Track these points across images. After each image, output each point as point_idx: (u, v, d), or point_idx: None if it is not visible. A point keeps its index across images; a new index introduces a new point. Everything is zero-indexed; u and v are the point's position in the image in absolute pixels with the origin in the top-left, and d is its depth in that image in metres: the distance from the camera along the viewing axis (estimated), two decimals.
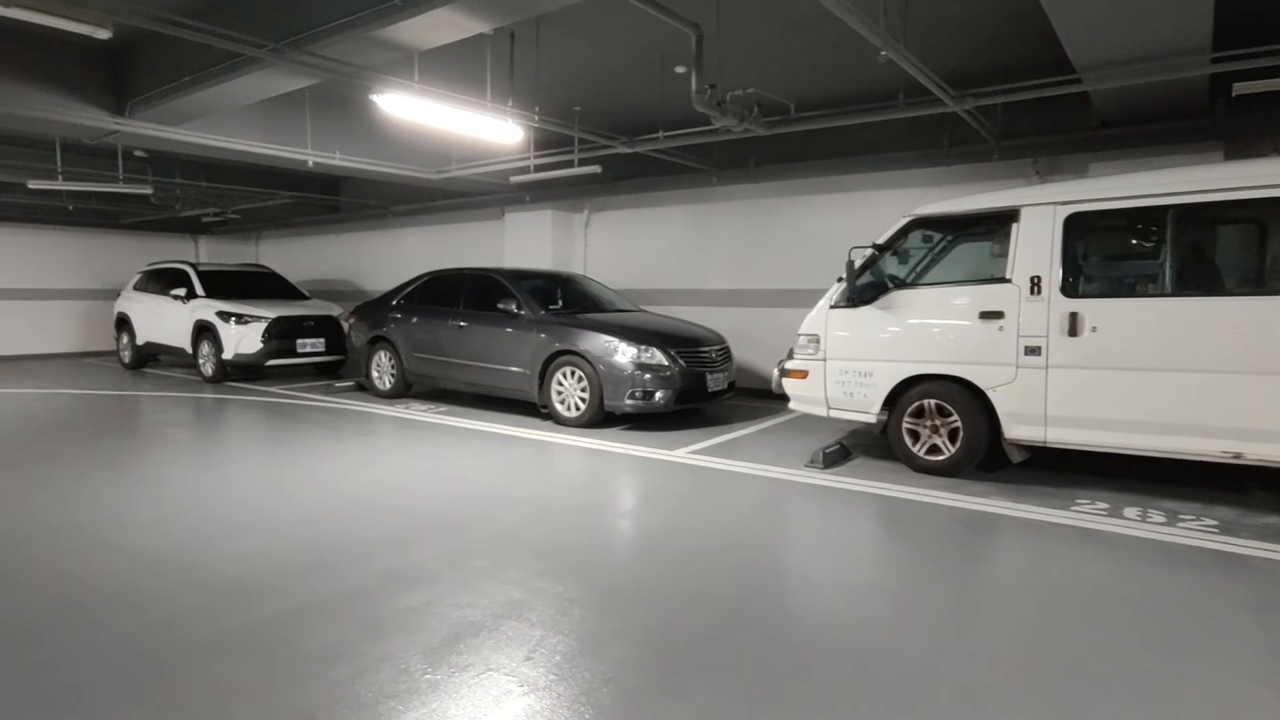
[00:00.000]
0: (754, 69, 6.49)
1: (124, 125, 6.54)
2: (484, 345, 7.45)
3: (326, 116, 7.91)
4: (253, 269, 11.31)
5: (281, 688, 2.33)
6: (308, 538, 3.74)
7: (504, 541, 3.70)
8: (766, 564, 3.52)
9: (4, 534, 3.75)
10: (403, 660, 2.50)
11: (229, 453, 5.72)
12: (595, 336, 6.72)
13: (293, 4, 4.80)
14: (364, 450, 5.77)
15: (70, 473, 4.97)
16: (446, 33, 4.45)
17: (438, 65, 6.19)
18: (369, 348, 8.57)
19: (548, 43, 5.91)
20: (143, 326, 10.92)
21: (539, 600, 3.00)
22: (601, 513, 4.31)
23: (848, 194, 8.17)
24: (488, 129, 5.92)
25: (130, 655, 2.53)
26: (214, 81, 5.45)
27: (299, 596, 3.02)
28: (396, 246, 12.80)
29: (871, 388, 5.20)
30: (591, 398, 6.62)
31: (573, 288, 8.15)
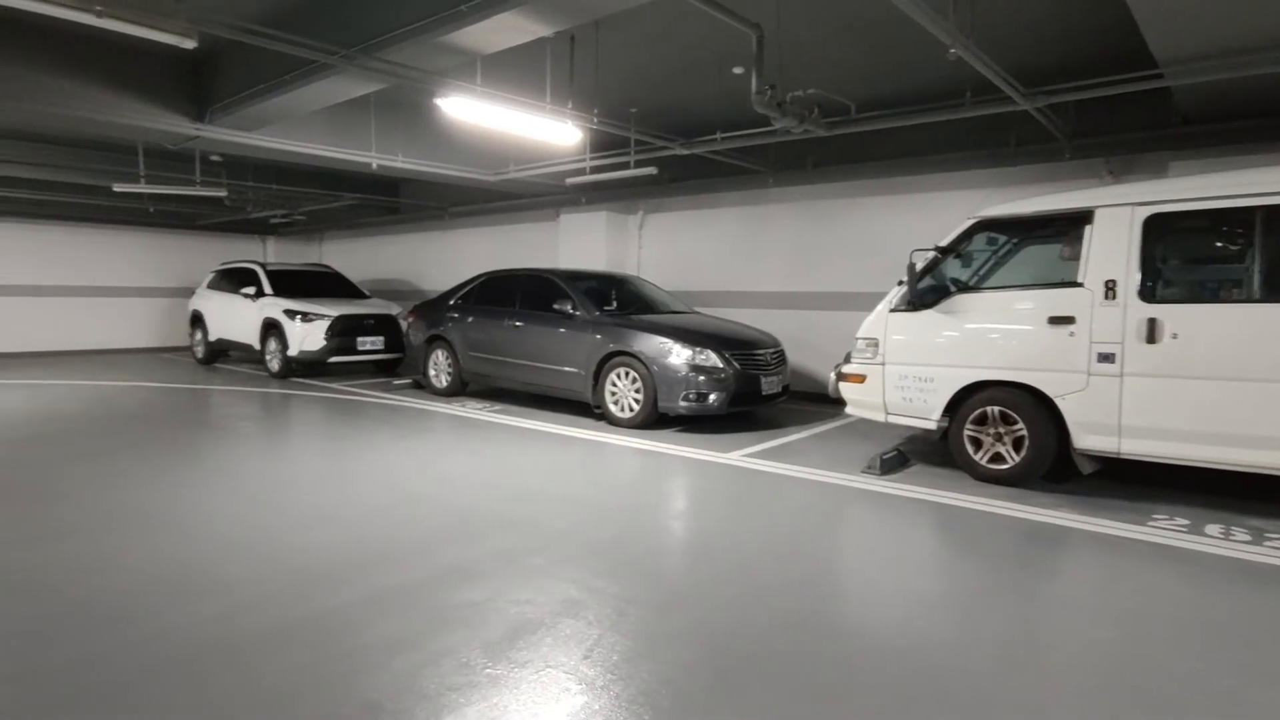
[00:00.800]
0: (814, 69, 6.40)
1: (203, 131, 6.84)
2: (539, 345, 7.54)
3: (390, 120, 8.12)
4: (317, 269, 11.68)
5: (348, 676, 2.39)
6: (371, 531, 3.84)
7: (560, 540, 3.74)
8: (823, 570, 3.47)
9: (94, 519, 3.96)
10: (464, 654, 2.54)
11: (295, 446, 5.92)
12: (649, 338, 6.73)
13: (364, 12, 4.94)
14: (422, 447, 5.90)
15: (150, 462, 5.21)
16: (509, 36, 4.52)
17: (499, 69, 6.29)
18: (426, 346, 8.76)
19: (607, 45, 5.95)
20: (215, 323, 11.39)
21: (596, 599, 3.02)
22: (656, 514, 4.31)
23: (907, 195, 8.00)
24: (547, 131, 5.99)
25: (207, 638, 2.64)
26: (288, 88, 5.65)
27: (364, 587, 3.10)
28: (454, 247, 13.06)
29: (932, 393, 5.07)
30: (645, 399, 6.63)
31: (627, 289, 8.17)
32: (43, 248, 13.23)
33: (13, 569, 3.26)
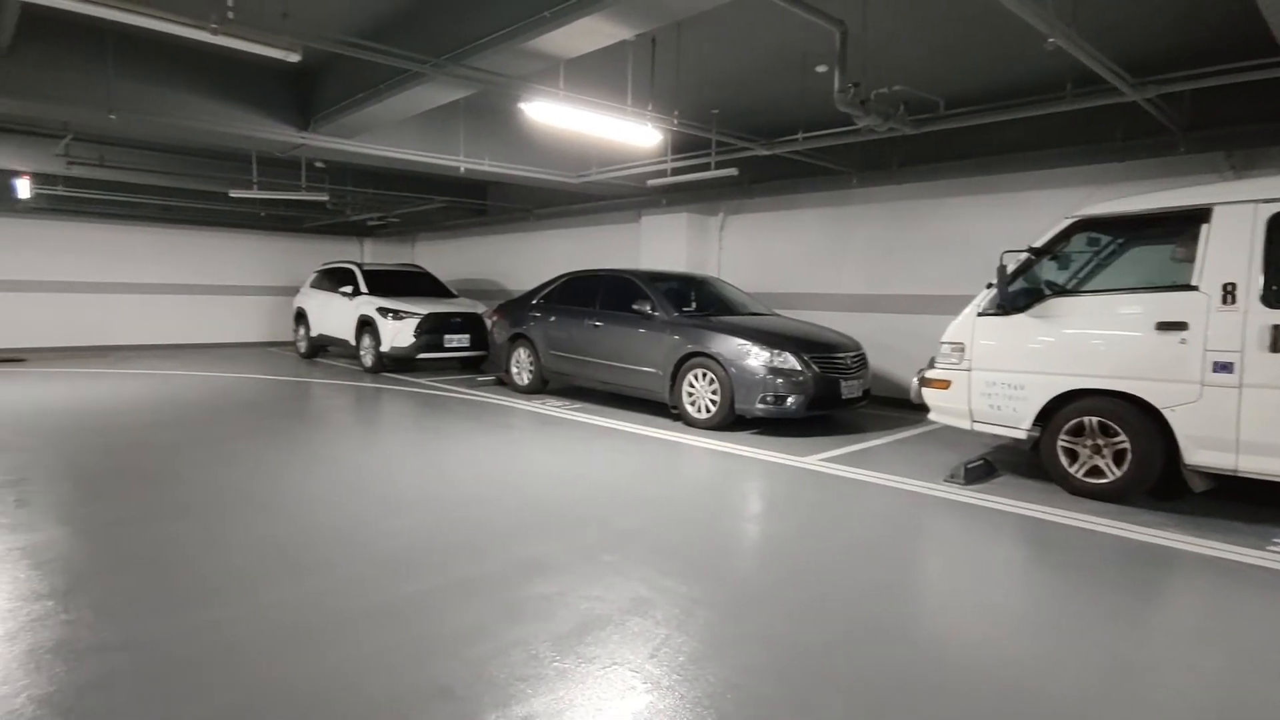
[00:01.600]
0: (900, 65, 6.21)
1: (308, 139, 7.27)
2: (618, 345, 7.62)
3: (478, 125, 8.39)
4: (408, 268, 12.19)
5: (423, 660, 2.49)
6: (453, 520, 3.99)
7: (633, 538, 3.77)
8: (901, 580, 3.36)
9: (208, 500, 4.28)
10: (533, 646, 2.61)
11: (385, 438, 6.20)
12: (728, 339, 6.69)
13: (454, 21, 5.13)
14: (503, 442, 6.07)
15: (257, 449, 5.58)
16: (591, 40, 4.59)
17: (581, 73, 6.40)
18: (509, 344, 9.00)
19: (688, 46, 5.96)
20: (316, 320, 12.06)
21: (665, 599, 3.03)
22: (729, 516, 4.29)
23: (997, 194, 7.63)
24: (628, 133, 6.05)
25: (296, 616, 2.80)
26: (383, 96, 5.93)
27: (444, 575, 3.22)
28: (537, 248, 13.35)
29: (1022, 401, 4.83)
30: (722, 400, 6.59)
31: (706, 290, 8.15)
32: (168, 250, 14.35)
33: (143, 542, 3.56)
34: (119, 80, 6.19)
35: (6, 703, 2.17)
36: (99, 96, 6.11)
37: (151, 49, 6.32)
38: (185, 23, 3.66)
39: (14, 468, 4.86)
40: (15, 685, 2.27)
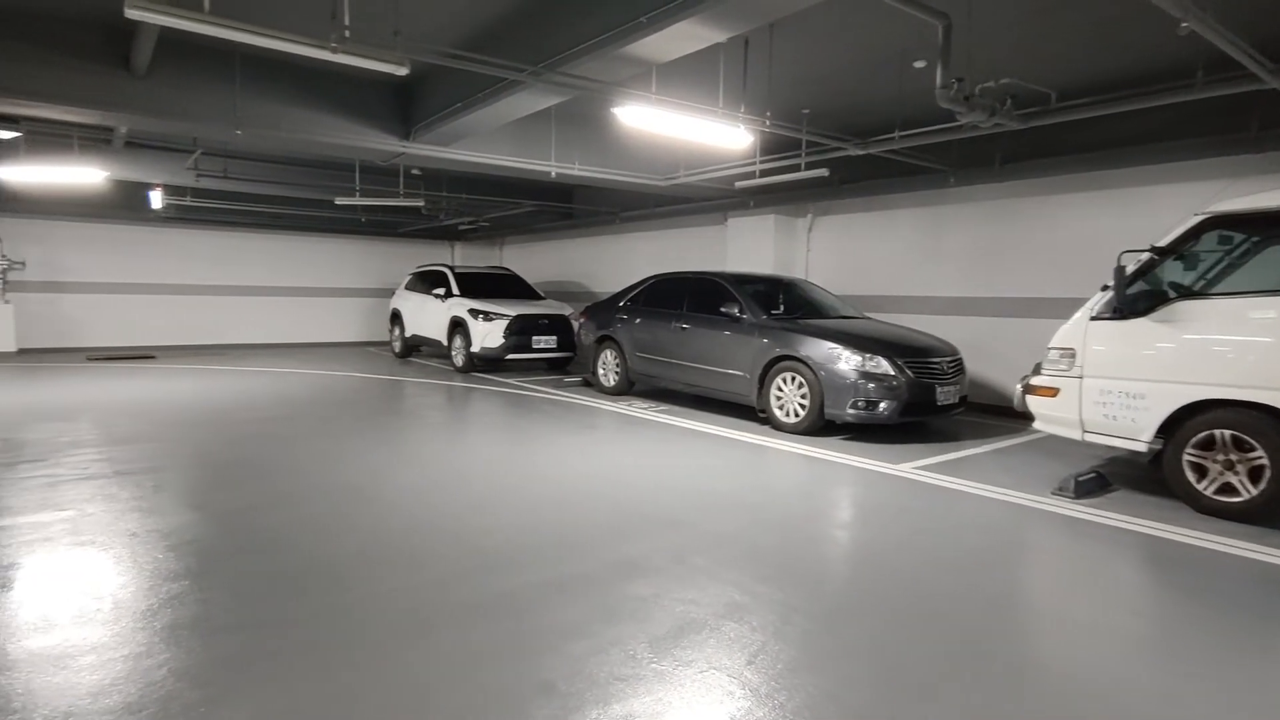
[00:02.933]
0: (1008, 57, 5.93)
1: (409, 148, 7.59)
2: (705, 347, 7.60)
3: (568, 130, 8.55)
4: (498, 271, 12.54)
5: (524, 655, 2.56)
6: (547, 519, 4.07)
7: (724, 542, 3.75)
8: (1008, 597, 3.21)
9: (318, 491, 4.53)
10: (631, 646, 2.63)
11: (476, 436, 6.40)
12: (817, 343, 6.56)
13: (549, 30, 5.25)
14: (591, 443, 6.16)
15: (360, 443, 5.87)
16: (685, 44, 4.60)
17: (672, 76, 6.41)
18: (596, 346, 9.12)
19: (781, 46, 5.88)
20: (410, 321, 12.56)
21: (760, 605, 3.00)
22: (821, 522, 4.21)
23: (1110, 191, 7.18)
24: (719, 135, 6.03)
25: (407, 605, 2.93)
26: (481, 105, 6.12)
27: (540, 573, 3.30)
28: (623, 250, 13.48)
29: (1142, 411, 4.52)
30: (811, 405, 6.48)
31: (795, 293, 8.03)
32: (278, 255, 15.28)
33: (263, 528, 3.80)
34: (244, 98, 6.64)
35: (149, 674, 2.36)
36: (227, 113, 6.57)
37: (273, 68, 6.75)
38: (308, 43, 3.89)
39: (150, 456, 5.28)
40: (157, 658, 2.46)
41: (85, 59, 6.04)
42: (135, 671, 2.36)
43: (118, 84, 6.19)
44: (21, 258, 12.67)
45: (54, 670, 2.36)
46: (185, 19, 3.64)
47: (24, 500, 4.16)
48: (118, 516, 3.92)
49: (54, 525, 3.75)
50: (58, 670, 2.36)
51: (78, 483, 4.54)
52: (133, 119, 6.60)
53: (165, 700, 2.21)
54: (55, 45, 5.92)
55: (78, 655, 2.46)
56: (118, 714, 2.13)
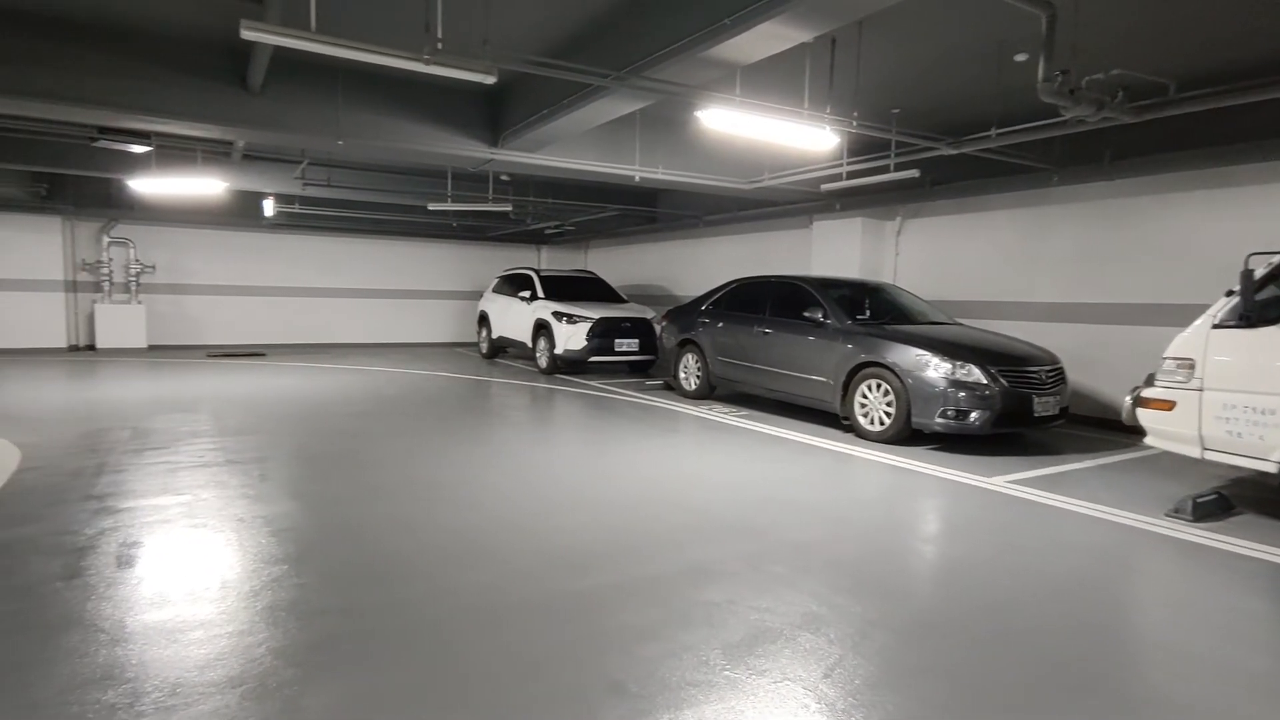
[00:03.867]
0: (1119, 46, 5.57)
1: (497, 154, 7.83)
2: (787, 352, 7.47)
3: (652, 135, 8.60)
4: (582, 274, 12.73)
5: (599, 654, 2.58)
6: (622, 521, 4.10)
7: (802, 551, 3.67)
8: (1113, 624, 3.00)
9: (403, 486, 4.72)
10: (704, 652, 2.61)
11: (557, 436, 6.51)
12: (904, 349, 6.34)
13: (632, 35, 5.30)
14: (670, 446, 6.16)
15: (444, 441, 6.08)
16: (771, 45, 4.54)
17: (756, 78, 6.35)
18: (678, 350, 9.12)
19: (870, 45, 5.73)
20: (497, 323, 12.92)
21: (838, 617, 2.92)
22: (904, 535, 4.05)
23: (1235, 189, 6.61)
24: (804, 137, 5.92)
25: (485, 599, 3.01)
26: (566, 111, 6.24)
27: (614, 574, 3.32)
28: (706, 254, 13.44)
29: (1273, 429, 4.14)
30: (897, 413, 6.26)
31: (882, 298, 7.79)
32: (374, 258, 16.05)
33: (356, 519, 4.00)
34: (346, 110, 7.01)
35: (250, 651, 2.51)
36: (330, 125, 6.96)
37: (371, 81, 7.10)
38: (403, 55, 4.07)
39: (257, 447, 5.64)
40: (258, 637, 2.62)
41: (207, 78, 6.53)
42: (238, 648, 2.52)
43: (236, 101, 6.66)
44: (152, 262, 13.80)
45: (165, 643, 2.54)
46: (294, 37, 3.87)
47: (147, 484, 4.52)
48: (228, 502, 4.20)
49: (172, 508, 4.06)
50: (169, 643, 2.54)
51: (194, 470, 4.90)
52: (249, 133, 7.08)
53: (263, 676, 2.35)
54: (181, 66, 6.42)
55: (187, 630, 2.64)
56: (221, 687, 2.28)
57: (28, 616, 2.72)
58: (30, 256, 12.75)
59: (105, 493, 4.32)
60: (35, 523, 3.76)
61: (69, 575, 3.10)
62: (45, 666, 2.37)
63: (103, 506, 4.05)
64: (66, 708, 2.14)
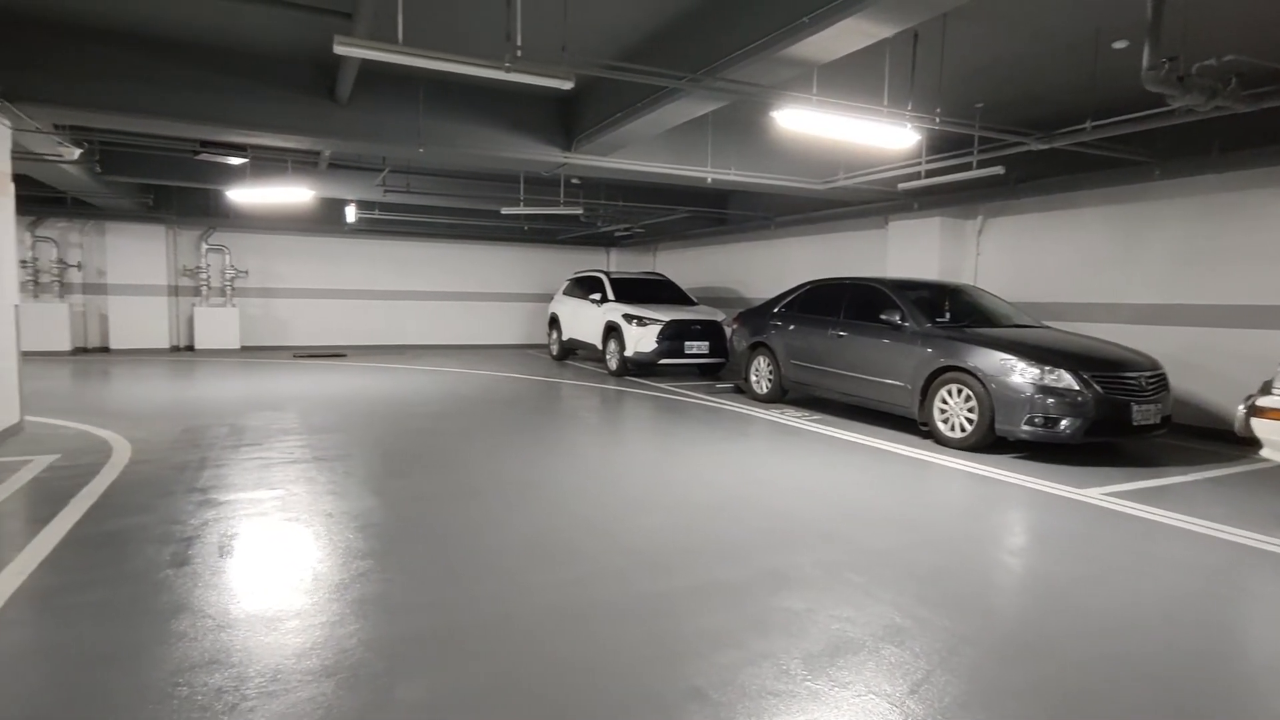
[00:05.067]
0: (1232, 31, 5.22)
1: (570, 159, 7.93)
2: (863, 356, 7.30)
3: (724, 136, 8.54)
4: (652, 277, 12.75)
5: (674, 659, 2.57)
6: (698, 524, 4.08)
7: (881, 560, 3.57)
8: (1229, 652, 2.80)
9: (484, 485, 4.83)
10: (784, 661, 2.56)
11: (629, 438, 6.54)
12: (987, 353, 6.09)
13: (708, 36, 5.27)
14: (742, 450, 6.10)
15: (519, 440, 6.19)
16: (851, 42, 4.44)
17: (833, 76, 6.22)
18: (749, 352, 9.02)
19: (954, 38, 5.54)
20: (567, 325, 13.08)
21: (923, 631, 2.82)
22: (990, 547, 3.89)
23: None
24: (883, 135, 5.77)
25: (562, 598, 3.04)
26: (639, 114, 6.26)
27: (691, 577, 3.30)
28: (778, 256, 13.27)
29: None
30: (980, 419, 6.02)
31: (962, 300, 7.52)
32: (449, 262, 16.51)
33: (436, 516, 4.11)
34: (427, 119, 7.23)
35: (342, 642, 2.61)
36: (411, 133, 7.20)
37: (451, 89, 7.30)
38: (485, 64, 4.17)
39: (341, 445, 5.87)
40: (348, 628, 2.72)
41: (299, 92, 6.85)
42: (331, 639, 2.62)
43: (325, 113, 6.96)
44: (245, 267, 14.57)
45: (266, 631, 2.67)
46: (383, 50, 4.02)
47: (244, 479, 4.76)
48: (316, 498, 4.38)
49: (266, 502, 4.26)
50: (269, 631, 2.67)
51: (285, 465, 5.14)
52: (337, 143, 7.39)
53: (355, 667, 2.43)
54: (275, 82, 6.75)
55: (284, 619, 2.77)
56: (317, 676, 2.37)
57: (143, 601, 2.90)
58: (138, 263, 13.65)
59: (207, 485, 4.58)
60: (147, 513, 4.01)
61: (178, 563, 3.29)
62: (158, 649, 2.52)
63: (206, 499, 4.29)
64: (178, 689, 2.27)
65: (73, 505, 4.11)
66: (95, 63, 6.13)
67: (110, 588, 3.02)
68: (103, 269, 13.49)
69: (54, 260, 13.04)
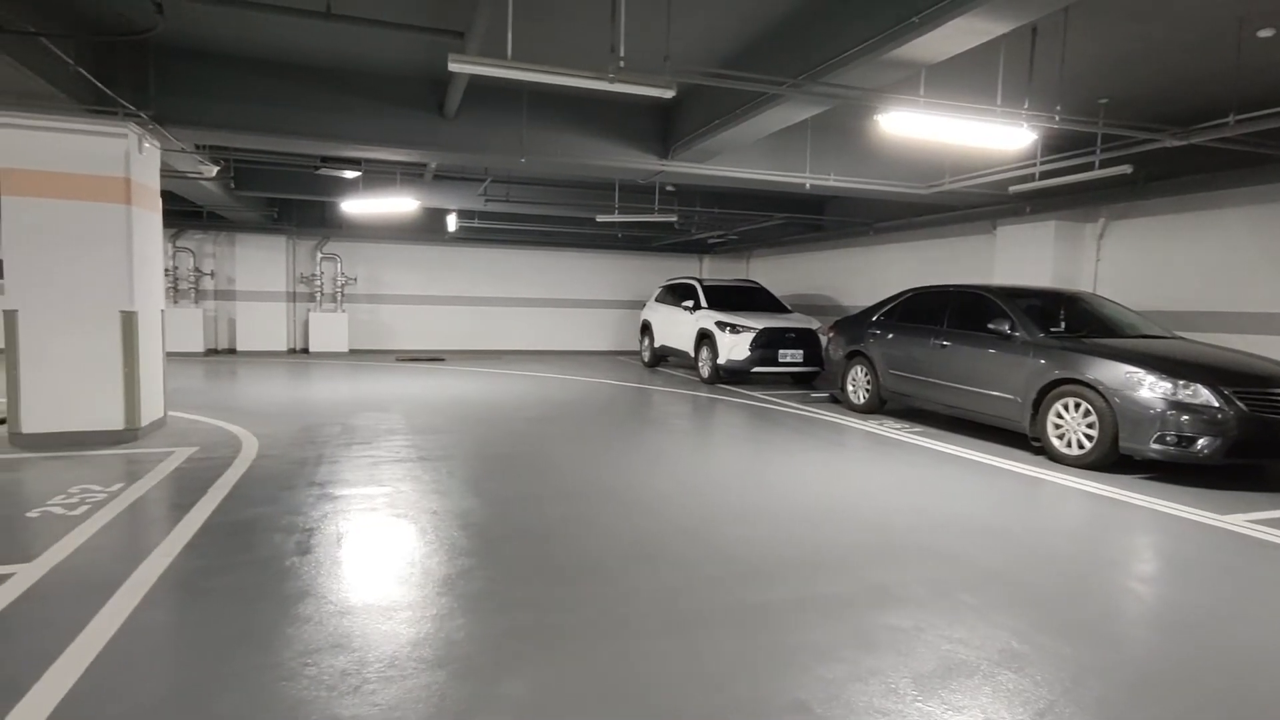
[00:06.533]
0: None
1: (667, 166, 7.98)
2: (968, 367, 6.98)
3: (823, 141, 8.39)
4: (745, 284, 12.64)
5: (777, 670, 2.52)
6: (795, 534, 4.00)
7: (993, 581, 3.39)
8: None
9: (575, 488, 4.91)
10: (892, 679, 2.48)
11: (722, 446, 6.50)
12: (1110, 365, 5.70)
13: (811, 40, 5.20)
14: (839, 461, 5.94)
15: (613, 445, 6.26)
16: (964, 41, 4.27)
17: (941, 76, 6.01)
18: (846, 362, 8.80)
19: (1077, 31, 5.23)
20: (659, 332, 13.13)
21: (1043, 658, 2.66)
22: (1116, 572, 3.62)
23: None
24: (996, 136, 5.51)
25: (662, 604, 3.04)
26: (738, 120, 6.23)
27: (790, 589, 3.24)
28: (875, 263, 12.90)
29: None
30: (1101, 436, 5.63)
31: (1080, 308, 7.07)
32: (544, 269, 16.93)
33: (531, 519, 4.21)
34: (529, 130, 7.46)
35: (450, 635, 2.71)
36: (514, 144, 7.44)
37: (552, 100, 7.50)
38: (589, 75, 4.27)
39: (444, 446, 6.10)
40: (456, 622, 2.82)
41: (410, 108, 7.21)
42: (440, 631, 2.73)
43: (434, 127, 7.29)
44: (354, 274, 15.43)
45: (382, 619, 2.80)
46: (495, 67, 4.17)
47: (356, 475, 5.03)
48: (422, 495, 4.57)
49: (377, 498, 4.49)
50: (385, 620, 2.80)
51: (392, 464, 5.39)
52: (444, 155, 7.73)
53: (464, 660, 2.52)
54: (388, 99, 7.13)
55: (398, 610, 2.90)
56: (429, 666, 2.47)
57: (271, 586, 3.11)
58: (262, 271, 14.72)
59: (324, 480, 4.86)
60: (272, 504, 4.30)
61: (301, 552, 3.51)
62: (287, 630, 2.70)
63: (324, 493, 4.56)
64: (306, 669, 2.42)
65: (209, 494, 4.46)
66: (232, 87, 6.66)
67: (243, 572, 3.26)
68: (232, 276, 14.61)
69: (191, 269, 14.23)
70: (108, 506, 4.16)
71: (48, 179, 5.70)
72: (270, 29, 5.96)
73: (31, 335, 5.70)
